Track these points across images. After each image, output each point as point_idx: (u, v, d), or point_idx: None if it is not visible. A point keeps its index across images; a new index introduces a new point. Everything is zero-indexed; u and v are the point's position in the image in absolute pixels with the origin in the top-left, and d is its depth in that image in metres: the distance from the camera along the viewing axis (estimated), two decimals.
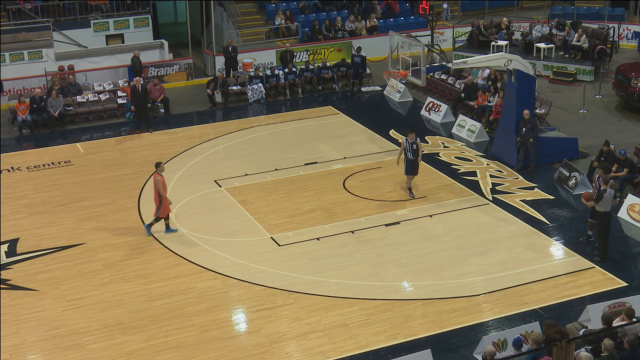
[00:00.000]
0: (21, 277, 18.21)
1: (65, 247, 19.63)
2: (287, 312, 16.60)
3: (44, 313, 16.80)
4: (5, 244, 19.74)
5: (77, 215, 21.29)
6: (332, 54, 34.77)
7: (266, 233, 20.05)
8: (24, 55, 31.81)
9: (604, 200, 18.10)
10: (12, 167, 24.75)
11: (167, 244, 19.58)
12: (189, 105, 30.72)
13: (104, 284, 17.89)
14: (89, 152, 26.05)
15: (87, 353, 15.36)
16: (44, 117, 28.33)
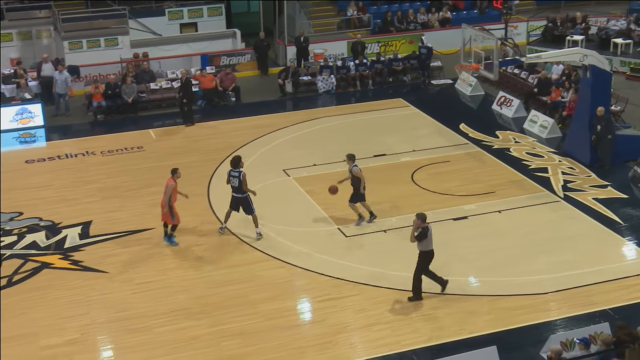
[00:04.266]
0: (93, 259, 18.61)
1: (134, 231, 19.98)
2: (351, 303, 16.61)
3: (113, 295, 17.14)
4: (79, 226, 20.19)
5: (147, 200, 21.62)
6: (404, 46, 34.58)
7: (333, 223, 20.09)
8: (101, 42, 32.42)
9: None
10: (87, 152, 25.27)
11: (235, 231, 19.75)
12: (260, 94, 30.92)
13: (171, 269, 18.17)
14: (160, 139, 26.46)
15: (153, 336, 15.62)
16: (117, 103, 28.86)
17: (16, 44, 32.97)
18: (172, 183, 18.98)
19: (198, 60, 32.38)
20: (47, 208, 21.14)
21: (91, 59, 31.76)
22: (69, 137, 27.10)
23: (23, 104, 27.94)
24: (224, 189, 21.64)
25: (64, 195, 21.95)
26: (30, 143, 26.81)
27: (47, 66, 29.92)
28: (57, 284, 17.65)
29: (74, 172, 23.83)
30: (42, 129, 27.63)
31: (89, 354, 15.23)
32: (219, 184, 22.37)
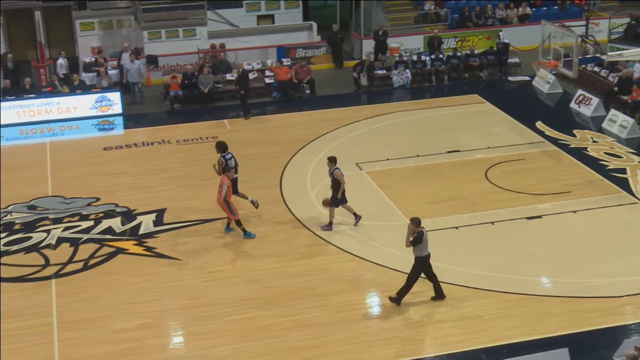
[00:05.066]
0: (166, 247, 18.90)
1: (207, 220, 20.19)
2: (420, 299, 16.49)
3: (184, 282, 17.38)
4: (153, 213, 20.52)
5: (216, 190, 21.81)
6: (481, 42, 34.17)
7: (404, 218, 19.97)
8: (179, 32, 32.87)
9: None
10: (163, 140, 25.66)
11: (307, 223, 19.81)
12: (334, 87, 30.93)
13: (242, 259, 18.32)
14: (235, 129, 26.69)
15: (223, 324, 15.78)
16: (194, 93, 29.23)
17: (97, 33, 33.68)
18: (227, 181, 19.02)
19: (274, 52, 32.56)
20: (123, 195, 21.54)
21: (169, 49, 32.22)
22: (146, 125, 27.55)
23: (103, 92, 28.51)
24: (296, 180, 21.85)
25: (139, 183, 22.33)
26: (108, 130, 27.37)
27: (126, 55, 30.47)
28: (131, 269, 17.98)
29: (149, 160, 24.24)
30: (120, 116, 28.17)
31: (159, 339, 15.48)
32: (292, 175, 22.52)
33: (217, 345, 15.14)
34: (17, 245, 19.09)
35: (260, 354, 14.85)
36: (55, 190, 21.97)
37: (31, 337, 15.45)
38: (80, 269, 18.06)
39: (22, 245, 19.09)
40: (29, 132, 27.16)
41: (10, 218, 20.45)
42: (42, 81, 30.10)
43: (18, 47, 33.87)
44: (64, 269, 18.05)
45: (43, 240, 19.30)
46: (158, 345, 15.27)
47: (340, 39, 33.54)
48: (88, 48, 32.66)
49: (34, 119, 27.69)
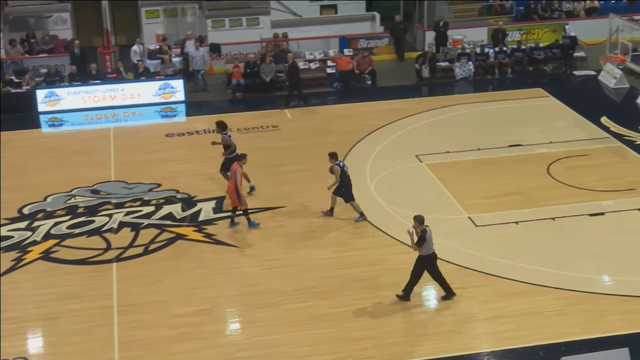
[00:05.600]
0: (225, 234, 19.06)
1: (265, 208, 20.31)
2: (478, 293, 16.36)
3: (242, 270, 17.51)
4: (213, 200, 20.72)
5: (279, 179, 21.95)
6: (546, 35, 33.66)
7: (463, 212, 19.83)
8: (242, 21, 33.06)
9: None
10: None
11: (365, 214, 19.77)
12: (396, 78, 30.80)
13: (300, 248, 18.38)
14: (295, 119, 26.78)
15: (279, 312, 15.86)
16: (256, 81, 29.38)
17: (162, 20, 34.08)
18: (239, 168, 19.04)
19: (336, 42, 32.54)
20: (183, 181, 21.78)
21: (232, 38, 32.44)
22: (208, 113, 27.81)
23: (166, 79, 28.85)
24: (356, 171, 21.77)
25: (200, 170, 22.55)
26: (171, 117, 27.71)
27: (190, 43, 30.78)
28: (190, 255, 18.18)
29: (210, 147, 24.38)
30: (183, 104, 28.47)
31: (216, 325, 15.62)
32: (352, 165, 22.46)
33: (272, 333, 15.22)
34: (79, 229, 19.46)
35: (314, 343, 14.89)
36: (118, 176, 22.33)
37: (92, 318, 15.74)
38: (141, 253, 18.33)
39: (84, 229, 19.46)
40: (93, 117, 27.65)
41: (74, 201, 20.85)
42: (107, 67, 30.59)
43: (85, 33, 34.51)
44: (125, 253, 18.35)
45: (105, 224, 19.64)
46: (214, 331, 15.42)
47: (403, 30, 33.36)
48: (153, 35, 33.06)
49: (99, 105, 28.17)
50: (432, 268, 16.02)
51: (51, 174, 22.57)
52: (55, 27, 33.93)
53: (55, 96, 28.10)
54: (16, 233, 19.28)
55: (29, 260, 18.10)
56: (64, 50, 32.24)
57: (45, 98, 28.08)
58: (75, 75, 29.23)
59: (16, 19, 33.75)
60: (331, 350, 14.68)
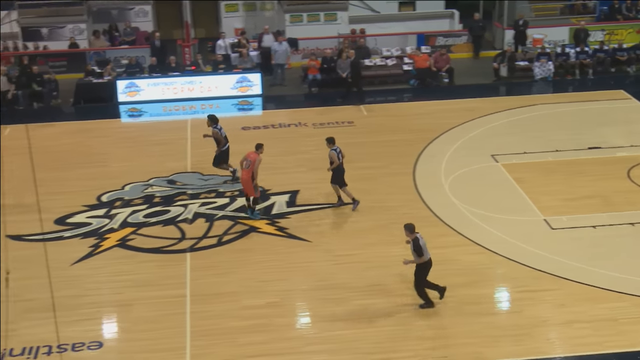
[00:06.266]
0: (297, 228, 19.14)
1: (340, 204, 20.30)
2: (552, 297, 16.08)
3: (314, 264, 17.56)
4: (287, 194, 20.83)
5: (352, 174, 21.84)
6: (630, 36, 32.92)
7: (539, 214, 19.51)
8: (320, 16, 33.17)
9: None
10: (299, 123, 25.99)
11: (438, 213, 19.64)
12: (473, 77, 30.50)
13: (372, 244, 18.34)
14: (371, 115, 26.74)
15: (349, 308, 15.84)
16: (332, 77, 29.41)
17: (241, 14, 34.42)
18: (259, 158, 19.25)
19: (414, 39, 32.40)
20: (258, 174, 21.89)
21: (310, 33, 32.56)
22: (283, 107, 27.98)
23: (244, 72, 29.11)
24: (430, 169, 21.69)
25: (274, 163, 22.68)
26: (247, 110, 27.96)
27: (267, 37, 31.01)
28: (262, 248, 18.32)
29: (285, 141, 24.60)
30: (260, 97, 28.70)
31: (286, 318, 15.70)
32: (426, 163, 22.38)
33: (341, 329, 15.21)
34: (155, 218, 19.79)
35: (383, 340, 14.83)
36: (194, 167, 22.64)
37: (166, 306, 15.99)
38: (214, 244, 18.54)
39: (160, 218, 19.77)
40: (171, 109, 28.08)
41: (151, 191, 21.21)
42: (186, 60, 31.00)
43: (165, 26, 35.08)
44: (199, 243, 18.59)
45: (180, 214, 19.92)
46: (284, 324, 15.49)
47: (482, 28, 32.99)
48: (231, 29, 33.38)
49: (177, 97, 28.60)
50: (425, 274, 15.63)
51: (129, 163, 23.01)
52: (136, 19, 34.59)
53: (135, 87, 28.63)
54: (94, 220, 19.71)
55: (106, 247, 18.49)
56: (145, 42, 32.83)
57: (125, 89, 28.65)
58: (155, 67, 29.72)
59: (100, 10, 34.51)
60: (400, 348, 14.61)
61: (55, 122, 27.23)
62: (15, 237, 18.53)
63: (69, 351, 14.55)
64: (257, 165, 19.23)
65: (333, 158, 19.80)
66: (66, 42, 33.07)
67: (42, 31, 33.50)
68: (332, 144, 19.93)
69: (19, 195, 18.76)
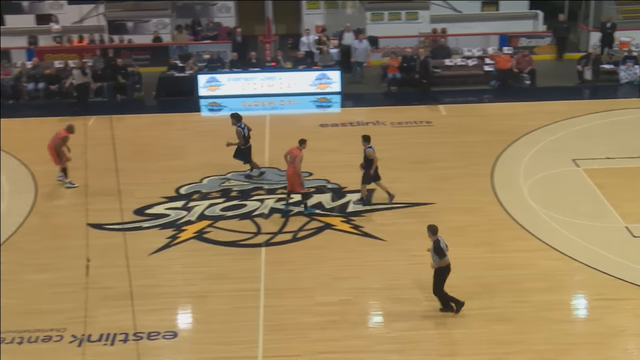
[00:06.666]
0: (372, 226, 19.09)
1: (414, 204, 20.20)
2: (631, 306, 15.67)
3: (388, 263, 17.48)
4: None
5: (430, 174, 21.80)
6: None
7: (620, 221, 19.05)
8: (402, 15, 33.04)
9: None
10: (377, 121, 25.93)
11: (516, 216, 19.36)
12: (556, 79, 29.98)
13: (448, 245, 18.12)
14: (450, 115, 26.53)
15: (422, 308, 15.71)
16: (411, 76, 29.25)
17: (322, 12, 34.52)
18: (301, 153, 19.35)
19: (496, 40, 32.01)
20: (334, 171, 21.98)
21: (390, 31, 32.47)
22: (362, 105, 27.96)
23: (323, 70, 29.18)
24: (509, 172, 21.41)
25: (351, 161, 22.60)
26: (325, 108, 28.03)
27: (348, 35, 31.02)
28: (337, 245, 18.33)
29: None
30: (338, 95, 28.73)
31: (359, 316, 15.66)
32: (505, 166, 22.11)
33: (413, 329, 15.12)
34: (232, 211, 20.00)
35: (456, 343, 14.71)
36: (272, 162, 22.79)
37: (240, 299, 16.14)
38: (289, 240, 18.64)
39: (237, 212, 19.97)
40: (251, 104, 28.34)
41: (229, 185, 21.44)
42: (266, 56, 31.24)
43: (247, 22, 35.42)
44: (274, 238, 18.71)
45: (256, 209, 20.09)
46: (356, 322, 15.46)
47: (567, 29, 32.37)
48: (312, 26, 33.51)
49: (257, 92, 28.84)
50: (444, 277, 15.42)
51: (208, 157, 23.30)
52: (219, 15, 35.04)
53: (216, 82, 28.99)
54: (172, 212, 20.03)
55: (182, 239, 18.76)
56: (227, 37, 33.23)
57: (206, 83, 29.03)
58: (236, 62, 30.04)
59: (184, 6, 35.08)
60: (473, 351, 14.45)
61: (138, 114, 27.77)
62: (96, 226, 18.96)
63: (144, 339, 14.82)
64: (298, 161, 19.35)
65: (372, 156, 19.69)
66: (150, 36, 33.71)
67: (128, 25, 34.21)
68: (368, 142, 19.82)
69: (101, 185, 19.17)
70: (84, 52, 31.48)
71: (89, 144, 19.05)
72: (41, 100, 29.33)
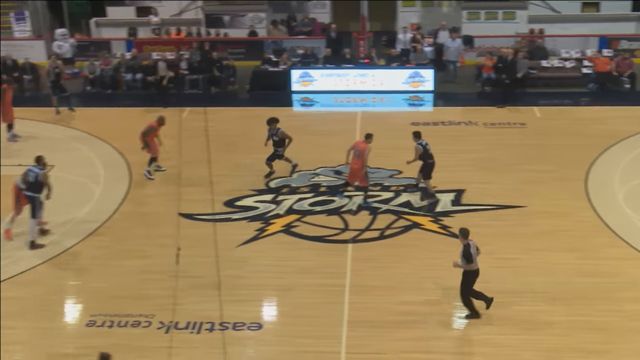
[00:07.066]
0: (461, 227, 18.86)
1: (504, 206, 19.91)
2: None
3: None
4: (452, 193, 20.62)
5: (521, 177, 21.45)
6: None
7: None
8: (498, 14, 32.62)
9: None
10: (469, 121, 25.66)
11: (610, 223, 18.87)
12: None
13: (536, 250, 17.84)
14: (545, 117, 26.06)
15: (509, 313, 15.47)
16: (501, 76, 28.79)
17: (418, 9, 34.37)
18: (369, 147, 19.63)
19: (595, 42, 31.21)
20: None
21: (486, 31, 32.07)
22: (454, 104, 27.70)
23: (416, 68, 29.01)
24: (604, 177, 20.92)
25: (441, 161, 22.39)
26: (417, 106, 27.87)
27: (443, 34, 30.78)
28: (424, 245, 18.22)
29: (453, 139, 24.34)
30: (431, 94, 28.53)
31: (443, 317, 15.52)
32: (600, 171, 21.61)
33: (500, 333, 14.93)
34: (320, 207, 20.08)
35: (545, 349, 14.42)
36: None
37: (325, 295, 16.20)
38: (376, 237, 18.61)
39: (325, 207, 20.05)
40: (342, 100, 28.40)
41: (318, 180, 21.54)
42: (360, 52, 31.25)
43: (342, 18, 35.50)
44: (361, 235, 18.71)
45: (345, 205, 20.12)
46: (440, 322, 15.30)
47: None
48: (407, 24, 33.36)
49: (349, 89, 28.87)
50: (471, 283, 15.18)
51: (298, 152, 23.37)
52: (314, 11, 35.24)
53: (309, 77, 29.15)
54: (262, 205, 20.24)
55: (271, 232, 18.94)
56: (321, 33, 33.36)
57: (299, 78, 29.22)
58: (329, 58, 30.14)
59: (280, 1, 35.35)
60: (562, 358, 14.17)
61: (231, 107, 28.14)
62: (187, 216, 19.32)
63: (230, 329, 15.02)
64: (367, 154, 19.57)
65: (418, 152, 19.86)
66: (246, 30, 34.13)
67: (224, 19, 34.71)
68: (418, 138, 19.99)
69: (193, 175, 19.51)
70: (181, 45, 32.07)
71: (182, 135, 19.42)
72: (138, 91, 30.00)
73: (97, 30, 35.36)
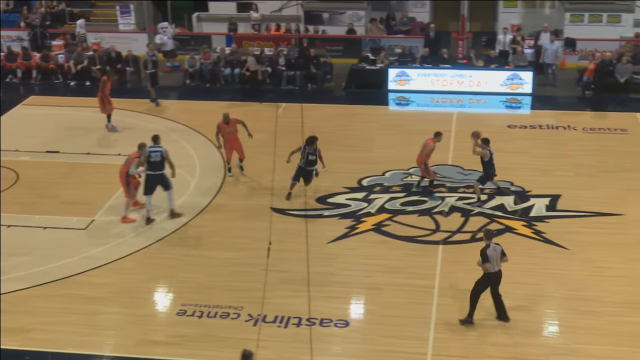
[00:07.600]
0: (555, 233, 18.51)
1: (602, 213, 19.42)
2: None
3: (568, 273, 16.91)
4: (547, 197, 20.21)
5: (622, 184, 20.87)
6: None
7: None
8: (603, 17, 31.82)
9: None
10: (568, 126, 25.12)
11: None
12: None
13: (635, 259, 17.34)
14: None
15: (600, 323, 15.11)
16: (609, 81, 28.08)
17: (520, 11, 33.82)
18: (432, 144, 20.05)
19: None
20: (519, 174, 21.47)
21: (589, 34, 31.31)
22: (553, 108, 27.16)
23: (515, 70, 28.56)
24: None
25: (537, 165, 22.12)
26: (515, 109, 27.42)
27: (544, 36, 30.19)
28: (516, 249, 17.84)
29: (551, 143, 23.87)
30: (529, 96, 28.04)
31: (533, 324, 15.23)
32: None
33: (590, 343, 14.57)
34: (412, 207, 19.98)
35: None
36: (455, 160, 22.56)
37: (413, 295, 16.12)
38: (467, 240, 18.41)
39: (416, 208, 19.94)
40: (438, 100, 28.19)
41: (411, 180, 21.43)
42: (458, 53, 30.93)
43: (441, 18, 35.21)
44: (452, 237, 18.54)
45: (437, 206, 19.96)
46: (531, 329, 15.05)
47: None
48: (507, 25, 32.83)
49: (446, 89, 28.62)
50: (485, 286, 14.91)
51: (392, 151, 23.38)
52: (414, 10, 35.05)
53: (406, 76, 29.01)
54: (353, 202, 20.26)
55: (361, 230, 18.95)
56: (420, 32, 33.14)
57: (396, 77, 29.12)
58: (427, 58, 29.93)
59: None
60: None
61: (327, 104, 28.24)
62: (279, 211, 19.50)
63: (317, 325, 15.10)
64: (428, 150, 20.03)
65: (485, 156, 19.79)
66: (344, 27, 34.19)
67: (323, 16, 34.86)
68: (487, 145, 20.01)
69: (287, 171, 19.67)
70: (279, 41, 32.36)
71: (278, 131, 19.59)
72: (236, 85, 30.42)
73: (198, 25, 36.01)
